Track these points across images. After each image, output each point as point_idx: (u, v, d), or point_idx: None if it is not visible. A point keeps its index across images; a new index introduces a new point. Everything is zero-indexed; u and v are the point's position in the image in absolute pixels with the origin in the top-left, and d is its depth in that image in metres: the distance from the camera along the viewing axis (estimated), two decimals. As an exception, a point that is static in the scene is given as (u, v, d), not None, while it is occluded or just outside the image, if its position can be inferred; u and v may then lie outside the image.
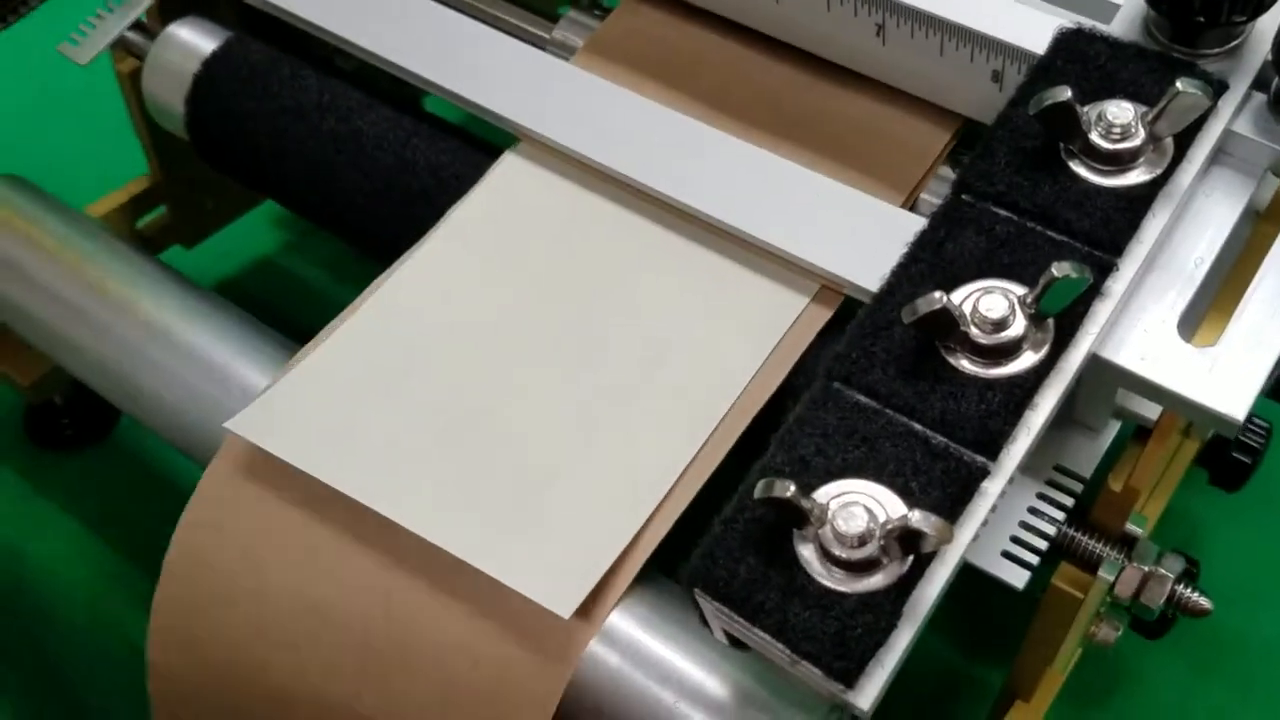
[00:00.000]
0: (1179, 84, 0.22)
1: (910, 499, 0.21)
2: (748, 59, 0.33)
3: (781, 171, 0.30)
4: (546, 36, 0.35)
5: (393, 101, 0.35)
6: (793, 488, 0.20)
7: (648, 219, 0.31)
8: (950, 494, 0.21)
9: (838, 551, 0.20)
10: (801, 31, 0.31)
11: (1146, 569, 0.27)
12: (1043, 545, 0.25)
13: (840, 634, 0.20)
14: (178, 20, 0.37)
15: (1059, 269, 0.21)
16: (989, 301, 0.22)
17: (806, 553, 0.21)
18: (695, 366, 0.28)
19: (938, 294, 0.21)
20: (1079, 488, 0.26)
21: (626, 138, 0.31)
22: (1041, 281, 0.21)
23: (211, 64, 0.36)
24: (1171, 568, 0.27)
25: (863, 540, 0.20)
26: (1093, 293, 0.22)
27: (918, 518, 0.20)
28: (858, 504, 0.21)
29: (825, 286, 0.28)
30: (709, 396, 0.28)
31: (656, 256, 0.30)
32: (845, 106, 0.31)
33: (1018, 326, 0.22)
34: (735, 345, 0.28)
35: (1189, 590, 0.27)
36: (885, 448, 0.22)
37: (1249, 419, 0.34)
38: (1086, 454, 0.26)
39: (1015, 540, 0.25)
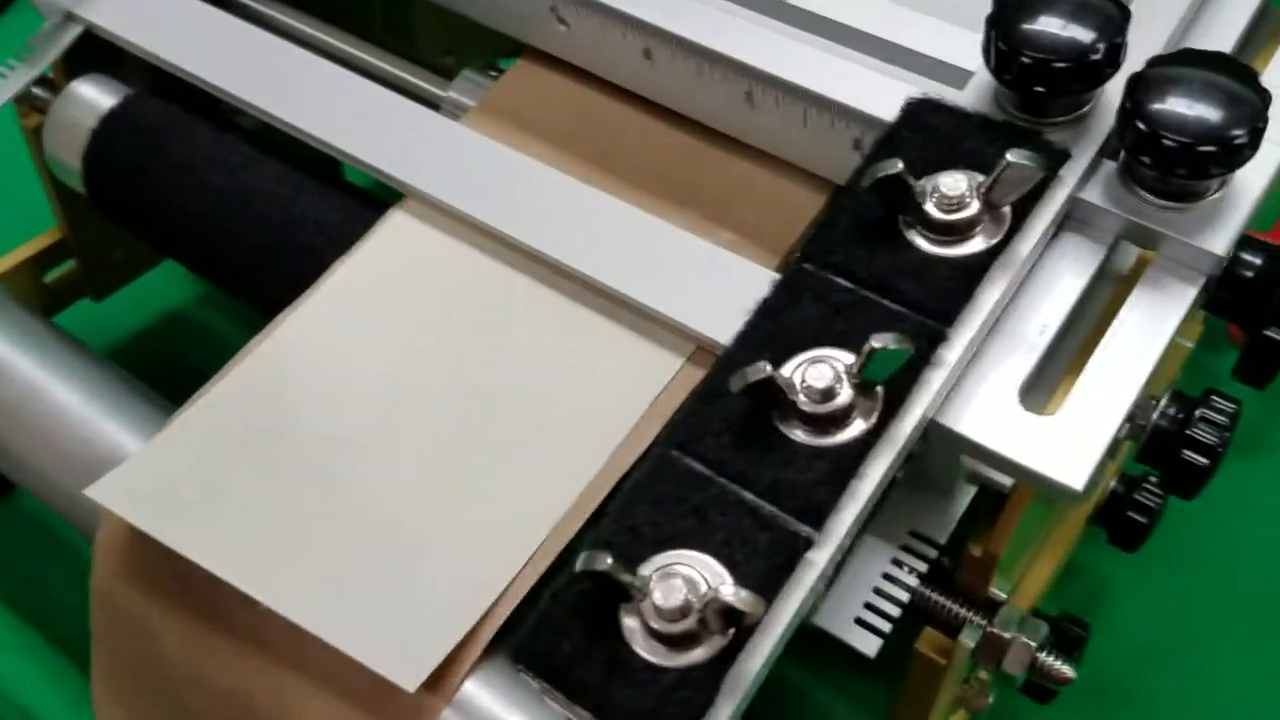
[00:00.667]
0: (1009, 155, 0.22)
1: (735, 570, 0.21)
2: (634, 121, 0.33)
3: (661, 234, 0.30)
4: (442, 94, 0.35)
5: (292, 159, 0.35)
6: (610, 560, 0.20)
7: (531, 278, 0.31)
8: (775, 564, 0.21)
9: (657, 625, 0.20)
10: (678, 97, 0.31)
11: (1008, 635, 0.26)
12: (895, 611, 0.25)
13: (656, 711, 0.20)
14: (81, 77, 0.37)
15: (878, 340, 0.21)
16: (816, 371, 0.22)
17: (632, 625, 0.21)
18: (568, 428, 0.28)
19: (763, 364, 0.21)
20: (933, 553, 0.26)
21: (511, 197, 0.31)
22: (863, 351, 0.21)
23: (109, 120, 0.36)
24: (1034, 634, 0.27)
25: (682, 613, 0.20)
26: (922, 362, 0.22)
27: (729, 591, 0.20)
28: (677, 576, 0.20)
29: (700, 348, 0.28)
30: (579, 458, 0.28)
31: (538, 316, 0.30)
32: (724, 170, 0.32)
33: (844, 396, 0.22)
34: (610, 406, 0.28)
35: (1052, 657, 0.27)
36: (715, 517, 0.21)
37: (1143, 478, 0.34)
38: (942, 519, 0.26)
39: (869, 606, 0.25)
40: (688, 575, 0.21)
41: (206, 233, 0.34)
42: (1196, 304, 0.25)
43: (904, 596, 0.26)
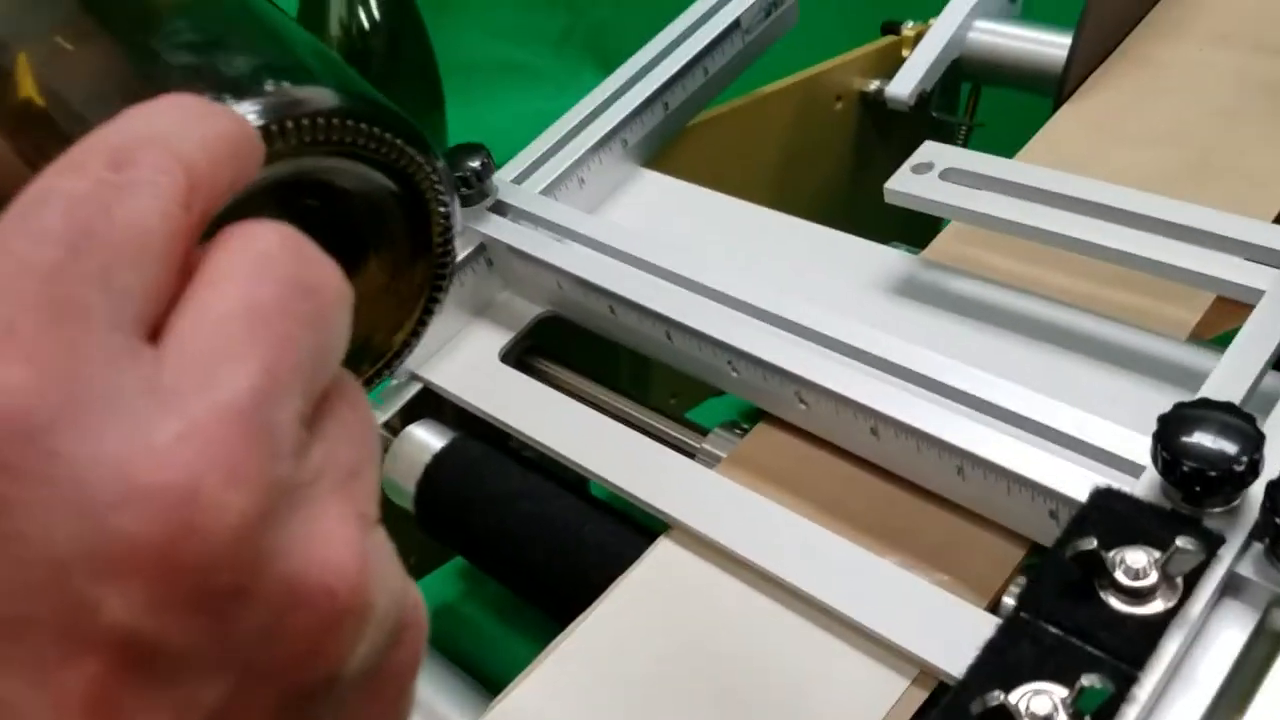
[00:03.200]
0: (1178, 541, 0.30)
1: None
2: (859, 478, 0.41)
3: (885, 570, 0.38)
4: (697, 446, 0.45)
5: (571, 487, 0.45)
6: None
7: (775, 600, 0.39)
8: None
9: None
10: (899, 465, 0.39)
11: None
12: None
13: None
14: (416, 421, 0.48)
15: (1087, 679, 0.28)
16: (1038, 701, 0.29)
17: None
18: (811, 730, 0.35)
19: (997, 692, 0.28)
20: None
21: (758, 533, 0.39)
22: (1075, 687, 0.28)
23: (439, 458, 0.46)
24: None
25: None
26: (1120, 699, 0.29)
27: None
28: None
29: (923, 672, 0.35)
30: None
31: (781, 633, 0.38)
32: (936, 522, 0.40)
33: (1060, 722, 0.28)
34: (846, 716, 0.35)
35: None
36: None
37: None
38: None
39: None
40: None
41: (517, 551, 0.44)
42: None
43: None
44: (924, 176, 0.44)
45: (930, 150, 0.45)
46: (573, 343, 0.50)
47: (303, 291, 0.18)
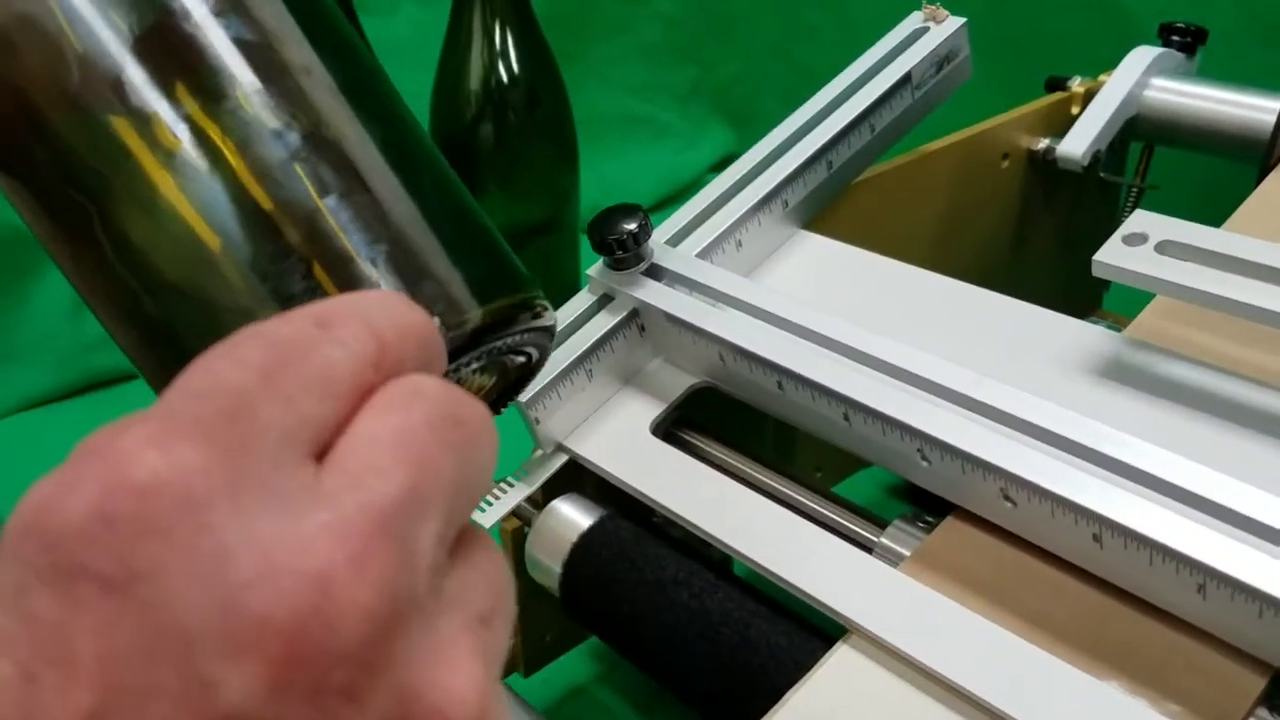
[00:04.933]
0: None
1: None
2: (1068, 585, 0.37)
3: (1109, 697, 0.33)
4: (875, 540, 0.41)
5: (735, 580, 0.41)
6: None
7: (970, 721, 0.34)
8: None
9: None
10: (1123, 578, 0.35)
11: None
12: None
13: None
14: (561, 496, 0.45)
15: None
16: None
17: None
18: None
19: None
20: None
21: (955, 645, 0.35)
22: None
23: (587, 536, 0.43)
24: None
25: None
26: None
27: None
28: None
29: (1149, 815, 0.31)
30: None
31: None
32: (1161, 640, 0.35)
33: None
34: None
35: None
36: None
37: None
38: None
39: None
40: None
41: (670, 644, 0.40)
42: None
43: None
44: (1138, 249, 0.40)
45: (1143, 220, 0.41)
46: (721, 413, 0.47)
47: (451, 422, 0.19)
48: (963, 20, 0.53)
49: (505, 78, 0.69)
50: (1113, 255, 0.40)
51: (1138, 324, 0.44)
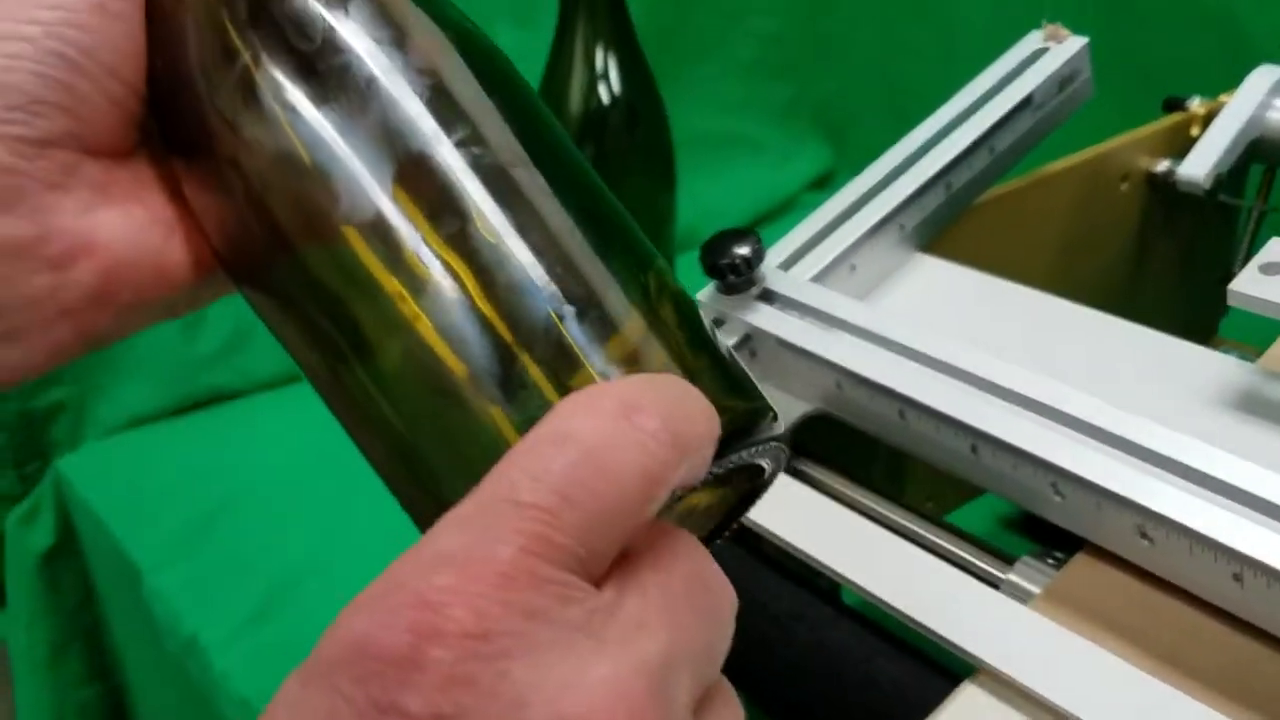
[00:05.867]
0: None
1: None
2: (1206, 626, 0.35)
3: (1248, 745, 0.32)
4: (1002, 577, 0.40)
5: (851, 614, 0.40)
6: None
7: (1105, 768, 0.33)
8: None
9: None
10: (1264, 618, 0.33)
11: None
12: None
13: None
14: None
15: None
16: None
17: None
18: None
19: None
20: None
21: (1089, 687, 0.34)
22: None
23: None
24: None
25: None
26: None
27: None
28: None
29: None
30: None
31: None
32: (1309, 686, 0.33)
33: None
34: None
35: None
36: None
37: None
38: None
39: None
40: None
41: (788, 679, 0.39)
42: None
43: None
44: (1276, 278, 0.38)
45: (1279, 248, 0.39)
46: (833, 441, 0.46)
47: (702, 587, 0.21)
48: (1085, 40, 0.52)
49: (606, 99, 0.70)
50: (1249, 285, 0.39)
51: (1271, 355, 0.42)
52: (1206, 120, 0.60)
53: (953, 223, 0.52)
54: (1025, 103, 0.50)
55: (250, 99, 0.24)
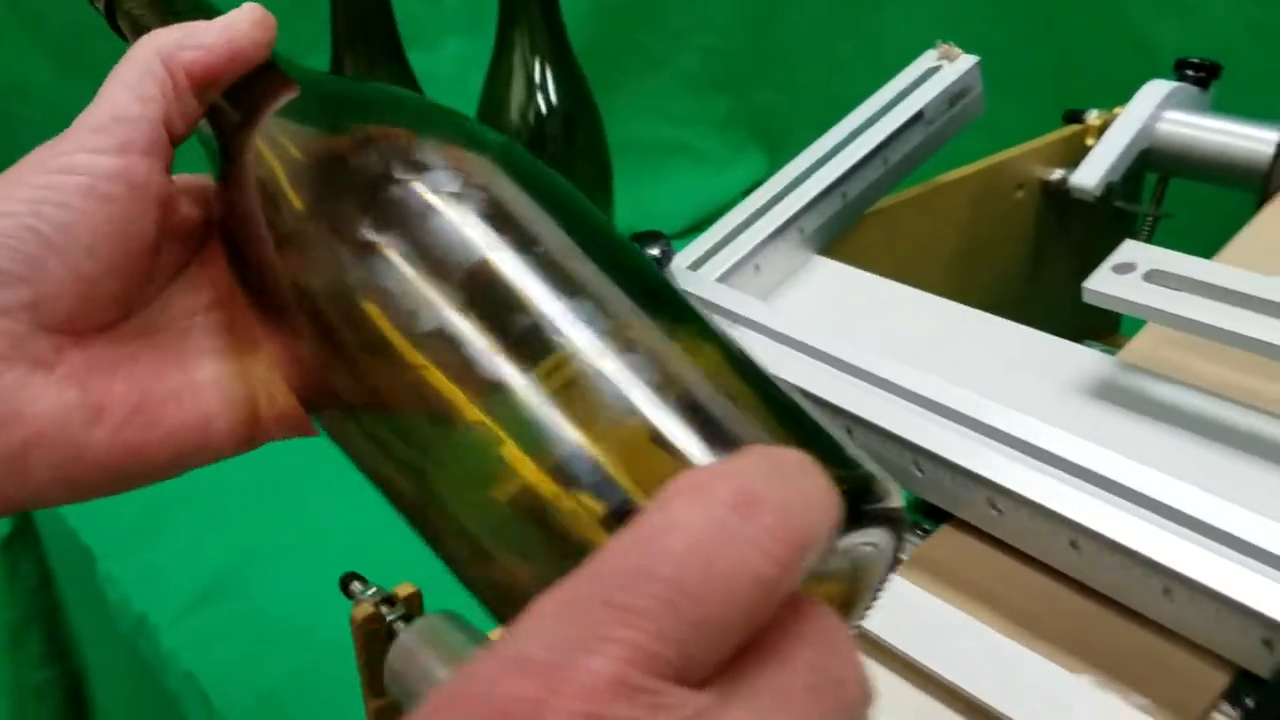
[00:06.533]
0: None
1: None
2: (1052, 590, 0.39)
3: (1083, 692, 0.36)
4: (877, 547, 0.44)
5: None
6: None
7: (962, 717, 0.37)
8: None
9: None
10: (1100, 582, 0.37)
11: None
12: None
13: None
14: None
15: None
16: None
17: None
18: None
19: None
20: None
21: (945, 645, 0.38)
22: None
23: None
24: None
25: None
26: None
27: None
28: None
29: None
30: None
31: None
32: (1135, 640, 0.37)
33: None
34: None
35: None
36: None
37: None
38: None
39: None
40: None
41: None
42: None
43: None
44: (1126, 277, 0.43)
45: (1132, 250, 0.43)
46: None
47: (832, 684, 0.18)
48: (975, 59, 0.56)
49: (544, 109, 0.73)
50: (1102, 283, 0.43)
51: (1131, 348, 0.47)
52: (1101, 131, 0.65)
53: (851, 228, 0.56)
54: (917, 117, 0.54)
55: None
